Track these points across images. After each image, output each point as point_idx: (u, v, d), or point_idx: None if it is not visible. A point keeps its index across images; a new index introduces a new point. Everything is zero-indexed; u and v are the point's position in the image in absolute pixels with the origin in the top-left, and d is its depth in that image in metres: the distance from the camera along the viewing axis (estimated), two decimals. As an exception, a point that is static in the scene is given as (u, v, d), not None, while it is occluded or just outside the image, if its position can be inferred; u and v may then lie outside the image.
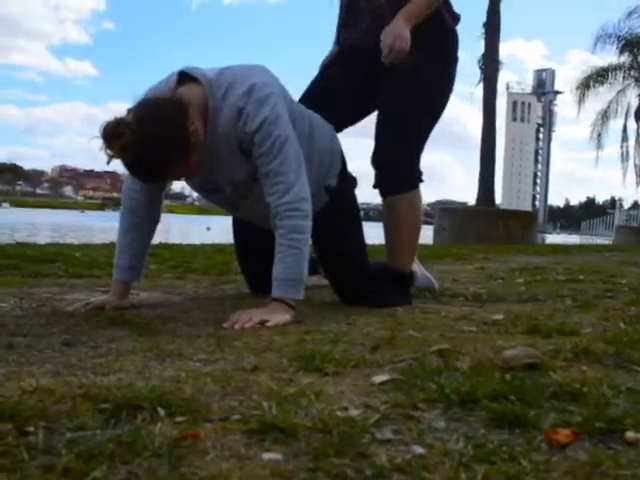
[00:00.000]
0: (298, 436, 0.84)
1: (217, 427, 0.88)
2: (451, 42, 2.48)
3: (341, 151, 2.32)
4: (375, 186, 2.44)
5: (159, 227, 2.25)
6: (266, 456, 0.78)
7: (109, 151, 1.79)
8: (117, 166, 1.85)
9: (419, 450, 0.82)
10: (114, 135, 1.76)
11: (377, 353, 1.43)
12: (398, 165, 2.40)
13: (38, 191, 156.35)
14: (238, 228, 2.56)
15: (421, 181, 2.47)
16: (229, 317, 1.83)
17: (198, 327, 1.76)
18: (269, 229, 2.04)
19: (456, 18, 2.49)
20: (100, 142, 1.77)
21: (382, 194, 2.46)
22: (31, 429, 0.83)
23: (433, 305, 2.43)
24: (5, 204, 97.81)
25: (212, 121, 1.96)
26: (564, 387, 1.08)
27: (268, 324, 1.79)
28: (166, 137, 1.82)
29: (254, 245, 2.10)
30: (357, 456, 0.79)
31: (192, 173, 2.05)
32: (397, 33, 2.23)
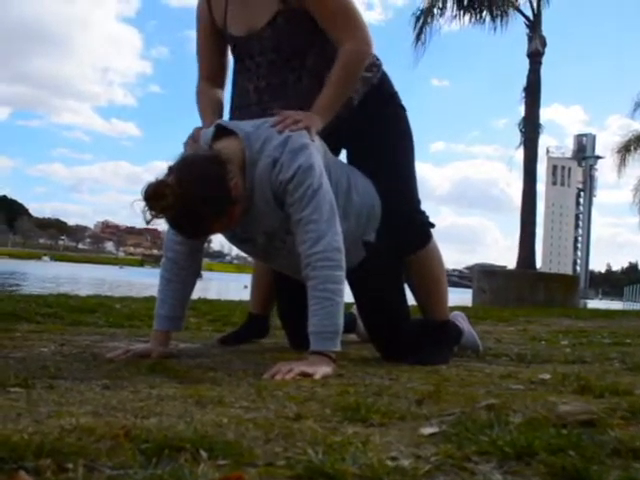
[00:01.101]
0: (346, 483, 0.80)
1: (262, 471, 0.84)
2: (394, 100, 2.47)
3: (381, 207, 2.30)
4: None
5: (197, 284, 2.26)
6: (313, 503, 0.74)
7: (151, 212, 1.80)
8: (157, 223, 1.86)
9: (474, 503, 0.77)
10: (156, 197, 1.78)
11: (423, 406, 1.38)
12: (412, 222, 2.40)
13: (80, 246, 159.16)
14: (279, 281, 2.54)
15: (433, 226, 2.48)
16: (269, 368, 1.80)
17: (238, 377, 1.73)
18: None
19: (378, 67, 2.41)
20: (142, 204, 1.79)
21: (404, 255, 2.42)
22: (70, 466, 0.81)
23: (477, 364, 2.36)
24: (45, 257, 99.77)
25: (249, 174, 1.97)
26: (625, 444, 1.02)
27: (312, 376, 1.75)
28: (208, 196, 1.83)
29: (295, 299, 2.08)
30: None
31: (234, 226, 2.06)
32: (308, 122, 2.05)
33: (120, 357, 2.00)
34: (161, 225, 1.91)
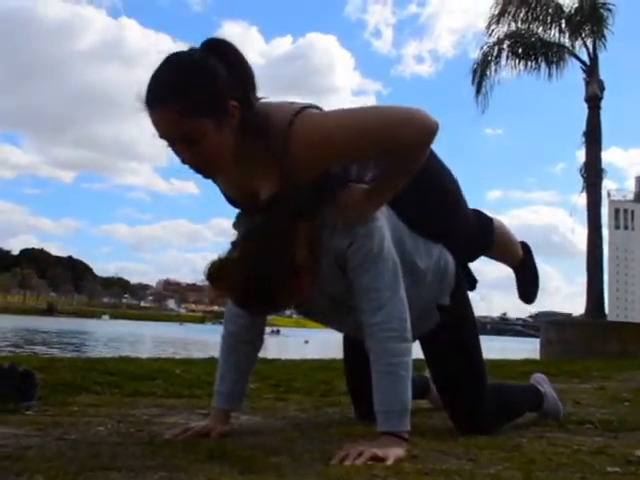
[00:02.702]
0: None
1: None
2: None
3: (454, 266, 2.16)
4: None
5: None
6: None
7: (216, 293, 1.73)
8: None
9: None
10: (220, 277, 1.71)
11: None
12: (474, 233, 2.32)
13: (142, 304, 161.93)
14: (346, 346, 2.42)
15: (491, 221, 2.42)
16: (337, 451, 1.66)
17: (303, 462, 1.59)
18: None
19: None
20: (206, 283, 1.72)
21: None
22: None
23: (560, 434, 2.19)
24: (105, 316, 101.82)
25: (314, 241, 1.86)
26: None
27: (384, 460, 1.61)
28: (274, 275, 1.71)
29: (363, 365, 1.92)
30: None
31: (305, 300, 1.92)
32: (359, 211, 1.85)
33: (179, 437, 1.90)
34: None
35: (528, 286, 2.61)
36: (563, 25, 13.86)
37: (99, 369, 3.76)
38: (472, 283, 2.42)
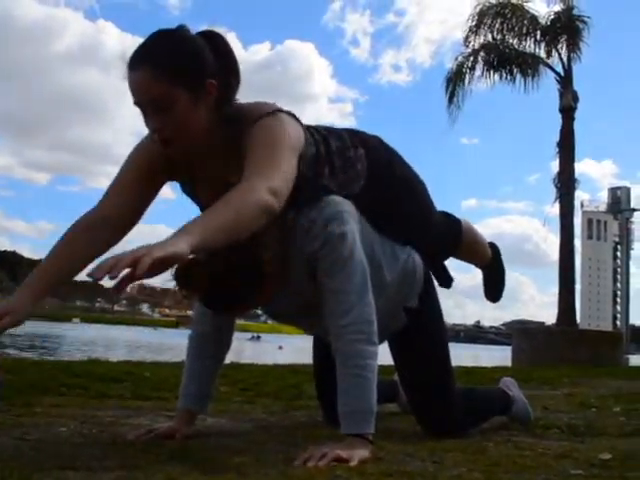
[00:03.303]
0: None
1: None
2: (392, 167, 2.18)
3: (424, 267, 2.16)
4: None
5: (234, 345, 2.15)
6: None
7: (182, 292, 1.71)
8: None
9: None
10: (186, 276, 1.69)
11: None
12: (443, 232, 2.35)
13: (116, 308, 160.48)
14: (317, 348, 2.41)
15: (459, 222, 2.43)
16: (301, 452, 1.65)
17: (267, 463, 1.57)
18: None
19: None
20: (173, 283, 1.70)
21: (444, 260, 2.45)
22: None
23: (527, 439, 2.19)
24: (75, 319, 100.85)
25: (285, 243, 1.85)
26: None
27: (348, 462, 1.59)
28: (241, 276, 1.71)
29: (332, 369, 1.90)
30: None
31: (267, 303, 1.95)
32: None
33: (142, 438, 1.87)
34: None
35: (495, 286, 2.64)
36: (538, 36, 13.99)
37: (67, 371, 3.72)
38: (448, 281, 2.44)
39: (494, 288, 2.64)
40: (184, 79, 1.72)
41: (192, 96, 1.74)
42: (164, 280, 1.70)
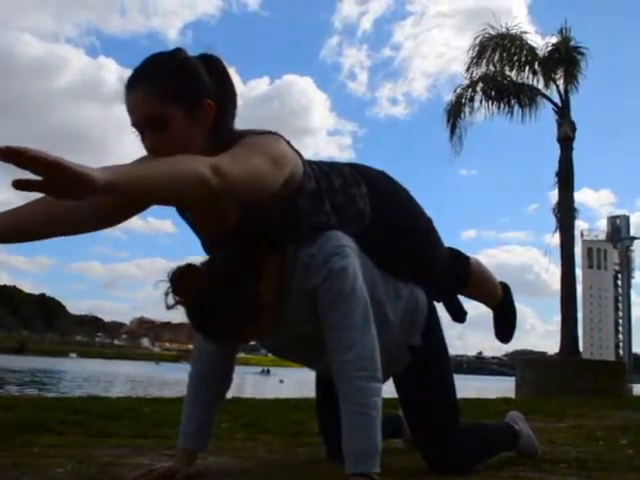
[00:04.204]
0: None
1: None
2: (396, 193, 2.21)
3: (427, 305, 2.13)
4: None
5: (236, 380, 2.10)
6: None
7: (174, 297, 1.68)
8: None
9: None
10: (181, 281, 1.67)
11: None
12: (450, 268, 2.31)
13: (116, 342, 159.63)
14: (319, 383, 2.37)
15: (468, 260, 2.40)
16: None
17: (269, 504, 1.53)
18: None
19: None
20: (166, 285, 1.69)
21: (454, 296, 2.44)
22: None
23: (535, 474, 2.15)
24: (72, 354, 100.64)
25: (286, 275, 1.82)
26: None
27: None
28: (231, 305, 1.69)
29: (337, 404, 1.86)
30: None
31: (263, 335, 1.92)
32: None
33: (142, 479, 1.83)
34: None
35: (505, 326, 2.59)
36: (536, 68, 14.11)
37: (65, 408, 3.67)
38: (462, 315, 2.41)
39: (505, 328, 2.60)
40: (179, 98, 1.71)
41: (188, 115, 1.72)
42: (160, 279, 1.69)
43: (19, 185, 1.21)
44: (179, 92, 1.71)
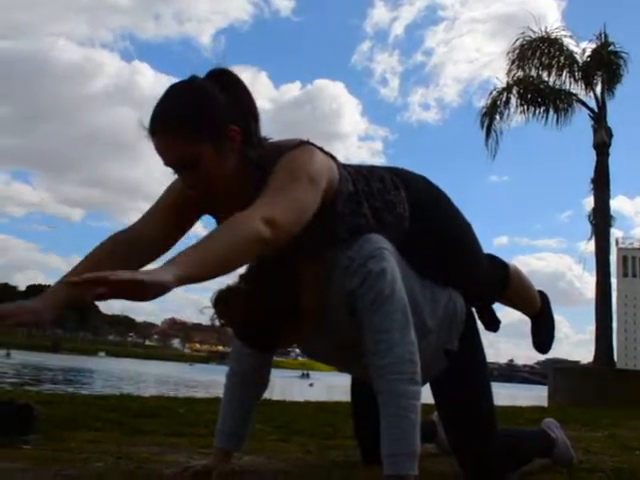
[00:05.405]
0: None
1: None
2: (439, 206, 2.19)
3: (464, 310, 2.11)
4: None
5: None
6: None
7: (220, 320, 1.70)
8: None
9: None
10: (224, 305, 1.69)
11: None
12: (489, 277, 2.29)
13: (147, 342, 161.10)
14: (355, 386, 2.37)
15: (506, 266, 2.38)
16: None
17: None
18: None
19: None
20: (211, 311, 1.70)
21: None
22: None
23: (572, 483, 2.12)
24: (101, 353, 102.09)
25: (325, 279, 1.83)
26: None
27: None
28: (276, 314, 1.70)
29: (372, 410, 1.86)
30: None
31: (303, 340, 1.93)
32: None
33: (178, 476, 1.85)
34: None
35: (544, 336, 2.55)
36: (575, 72, 13.91)
37: (101, 405, 3.71)
38: (495, 324, 2.39)
39: (543, 339, 2.54)
40: (204, 134, 1.72)
41: (217, 148, 1.74)
42: (204, 306, 1.70)
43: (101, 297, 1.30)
44: (204, 129, 1.72)
